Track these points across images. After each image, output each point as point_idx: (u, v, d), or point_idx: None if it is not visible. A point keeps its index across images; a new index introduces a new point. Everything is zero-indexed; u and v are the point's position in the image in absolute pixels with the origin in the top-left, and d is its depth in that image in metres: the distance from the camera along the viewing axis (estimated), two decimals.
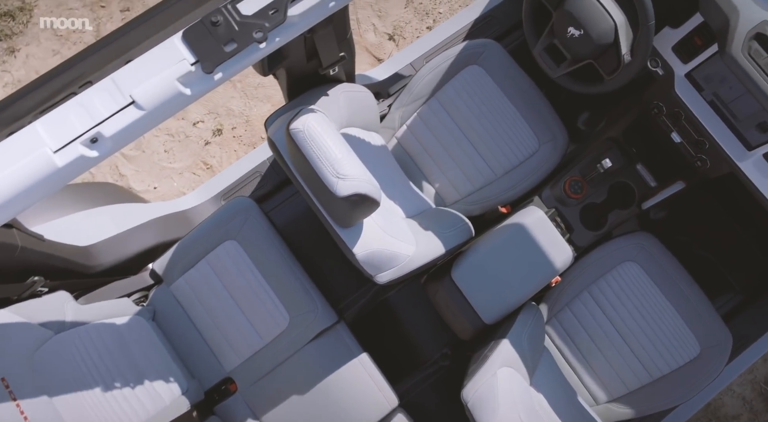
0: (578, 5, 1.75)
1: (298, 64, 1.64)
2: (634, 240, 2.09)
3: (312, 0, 1.15)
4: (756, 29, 1.63)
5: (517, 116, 2.12)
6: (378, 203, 1.39)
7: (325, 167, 1.30)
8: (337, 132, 1.39)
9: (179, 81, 1.08)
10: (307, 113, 1.36)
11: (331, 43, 1.58)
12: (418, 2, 3.05)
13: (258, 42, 1.10)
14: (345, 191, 1.29)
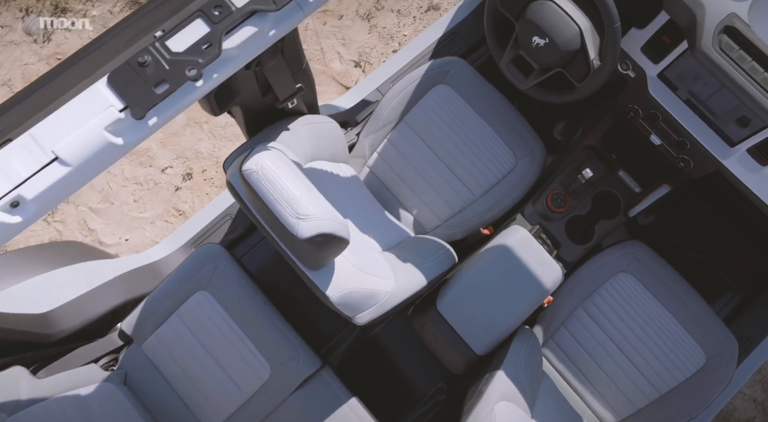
0: (540, 14, 1.67)
1: (252, 99, 1.54)
2: (624, 250, 1.99)
3: (249, 30, 1.04)
4: (724, 23, 1.55)
5: (490, 133, 2.02)
6: (346, 240, 1.28)
7: (284, 208, 1.19)
8: (295, 168, 1.28)
9: (108, 130, 0.96)
10: (260, 151, 1.25)
11: (285, 74, 1.48)
12: (382, 27, 2.98)
13: (193, 80, 0.99)
14: (307, 232, 1.18)
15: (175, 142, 2.67)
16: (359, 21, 2.98)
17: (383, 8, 3.01)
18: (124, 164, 2.61)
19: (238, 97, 1.45)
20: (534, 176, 2.00)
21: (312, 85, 1.72)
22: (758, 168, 1.71)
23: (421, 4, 3.04)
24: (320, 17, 2.95)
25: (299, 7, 1.10)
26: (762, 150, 1.67)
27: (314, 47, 2.92)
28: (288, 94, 1.56)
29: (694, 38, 1.57)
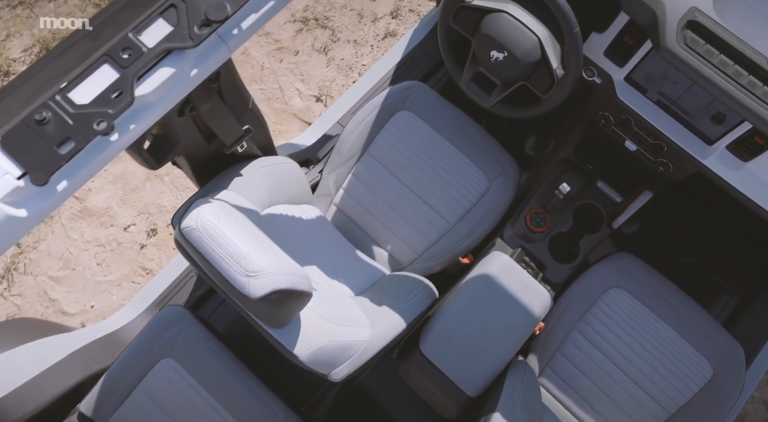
0: (496, 27, 1.56)
1: (196, 147, 1.40)
2: (613, 264, 1.86)
3: (165, 72, 0.91)
4: (686, 18, 1.45)
5: (459, 156, 1.90)
6: (308, 293, 1.13)
7: (231, 266, 1.04)
8: (243, 219, 1.14)
9: (5, 202, 0.82)
10: (200, 205, 1.11)
11: (227, 118, 1.35)
12: (340, 59, 2.88)
13: (104, 134, 0.86)
14: (259, 291, 1.03)
15: (136, 198, 2.52)
16: (316, 55, 2.88)
17: (339, 40, 2.91)
18: (84, 226, 2.46)
19: (179, 147, 1.32)
20: (509, 196, 1.88)
21: (263, 125, 1.59)
22: (740, 165, 1.60)
23: (377, 32, 2.94)
24: (276, 55, 2.85)
25: (222, 41, 0.97)
26: (742, 146, 1.57)
27: (272, 86, 2.80)
28: (235, 139, 1.43)
29: (658, 37, 1.47)
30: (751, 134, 1.52)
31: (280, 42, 2.88)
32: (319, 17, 2.94)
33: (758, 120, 1.42)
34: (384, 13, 2.98)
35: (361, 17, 2.96)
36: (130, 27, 0.88)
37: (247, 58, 2.83)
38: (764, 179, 1.59)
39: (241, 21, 0.97)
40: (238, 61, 2.81)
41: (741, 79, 1.43)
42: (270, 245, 1.12)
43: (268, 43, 2.87)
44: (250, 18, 0.97)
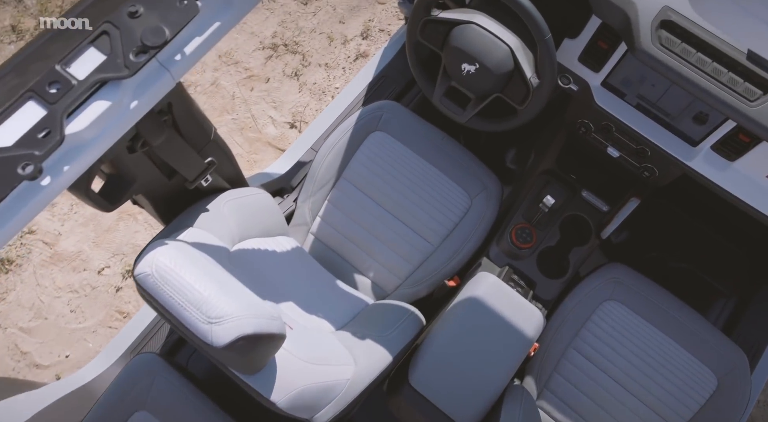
0: (465, 39, 1.49)
1: (156, 184, 1.31)
2: (605, 276, 1.77)
3: (100, 106, 0.82)
4: (659, 17, 1.39)
5: (438, 175, 1.82)
6: (280, 335, 1.03)
7: (191, 313, 0.94)
8: (204, 260, 1.04)
9: None
10: (155, 247, 1.01)
11: (186, 152, 1.25)
12: (312, 83, 2.80)
13: (31, 178, 0.76)
14: (224, 338, 0.93)
15: (109, 239, 2.41)
16: (288, 81, 2.80)
17: (310, 64, 2.84)
18: (55, 272, 2.34)
19: (136, 185, 1.22)
20: (493, 213, 1.79)
21: (229, 156, 1.50)
22: (727, 165, 1.53)
23: (348, 54, 2.88)
24: (246, 84, 2.77)
25: (164, 68, 0.88)
26: (727, 145, 1.50)
27: (245, 115, 2.72)
28: (197, 173, 1.34)
29: (632, 38, 1.41)
30: (735, 133, 1.46)
31: (250, 70, 2.81)
32: (289, 43, 2.88)
33: (741, 117, 1.35)
34: (354, 35, 2.92)
35: (331, 40, 2.90)
36: (57, 59, 0.79)
37: (216, 88, 2.75)
38: (752, 178, 1.52)
39: (184, 46, 0.88)
40: (207, 92, 2.73)
41: (721, 77, 1.36)
42: (235, 286, 1.02)
43: (237, 71, 2.80)
44: (194, 42, 0.88)
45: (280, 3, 2.96)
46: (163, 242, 1.03)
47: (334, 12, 2.97)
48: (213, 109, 2.71)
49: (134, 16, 0.82)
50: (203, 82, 2.75)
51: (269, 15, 2.93)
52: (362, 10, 2.98)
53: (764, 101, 1.34)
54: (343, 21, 2.95)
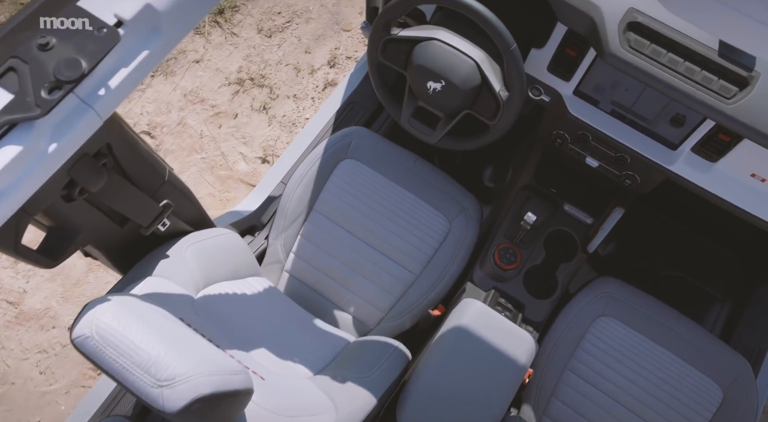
0: (428, 56, 1.42)
1: (107, 233, 1.20)
2: (596, 291, 1.68)
3: (9, 152, 0.72)
4: (626, 20, 1.33)
5: (413, 199, 1.73)
6: (246, 390, 0.92)
7: (139, 377, 0.83)
8: (154, 313, 0.93)
9: None
10: (96, 305, 0.90)
11: (135, 196, 1.15)
12: (281, 116, 2.72)
13: None
14: (177, 402, 0.82)
15: (78, 293, 2.28)
16: (256, 115, 2.72)
17: (278, 97, 2.76)
18: (21, 333, 2.20)
19: (81, 237, 1.11)
20: (474, 235, 1.70)
21: (188, 197, 1.40)
22: (709, 166, 1.46)
23: (316, 84, 2.81)
24: (214, 121, 2.68)
25: (86, 105, 0.78)
26: (707, 146, 1.43)
27: (214, 153, 2.62)
28: (152, 218, 1.24)
29: (600, 43, 1.34)
30: (715, 132, 1.39)
31: (216, 107, 2.72)
32: (255, 76, 2.80)
33: (720, 116, 1.29)
34: (321, 64, 2.85)
35: (298, 71, 2.83)
36: None
37: (183, 127, 2.66)
38: (737, 178, 1.45)
39: (108, 79, 0.78)
40: (174, 132, 2.63)
41: (694, 76, 1.30)
42: (191, 340, 0.92)
43: (204, 109, 2.71)
44: (120, 74, 0.79)
45: (243, 37, 2.89)
46: (106, 298, 0.92)
47: (300, 42, 2.90)
48: (181, 149, 2.62)
49: (45, 49, 0.73)
50: (169, 123, 2.65)
51: (233, 50, 2.85)
52: (327, 39, 2.92)
53: (741, 98, 1.28)
54: (309, 51, 2.88)
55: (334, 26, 2.96)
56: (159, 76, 2.75)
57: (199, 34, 2.87)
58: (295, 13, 2.98)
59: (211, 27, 2.89)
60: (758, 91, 1.27)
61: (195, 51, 2.83)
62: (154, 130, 2.64)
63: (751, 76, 1.28)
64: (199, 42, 2.85)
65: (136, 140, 1.12)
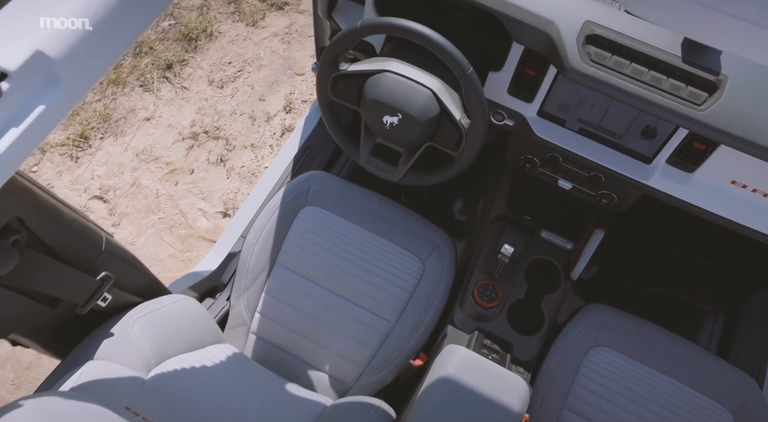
0: (381, 89, 1.32)
1: (36, 317, 1.05)
2: (585, 320, 1.56)
3: None
4: (583, 33, 1.25)
5: (381, 242, 1.60)
6: None
7: None
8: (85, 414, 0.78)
9: None
10: (5, 413, 0.74)
11: (62, 273, 1.01)
12: (240, 167, 2.59)
13: None
14: None
15: (31, 377, 2.08)
16: (214, 169, 2.59)
17: (235, 148, 2.64)
18: None
19: (4, 326, 0.96)
20: (450, 274, 1.57)
21: (133, 264, 1.25)
22: (687, 177, 1.37)
23: (273, 131, 2.70)
24: (169, 178, 2.54)
25: None
26: (683, 156, 1.35)
27: (172, 212, 2.48)
28: (88, 295, 1.09)
29: (560, 59, 1.25)
30: (689, 141, 1.31)
31: (171, 164, 2.59)
32: (209, 129, 2.68)
33: (692, 123, 1.21)
34: (277, 110, 2.75)
35: (254, 119, 2.72)
36: None
37: (138, 188, 2.51)
38: (717, 186, 1.37)
39: None
40: (128, 194, 2.48)
41: (662, 85, 1.22)
42: None
43: (158, 167, 2.57)
44: (9, 135, 0.65)
45: (194, 91, 2.78)
46: (17, 404, 0.76)
47: (253, 91, 2.80)
48: (137, 211, 2.46)
49: None
50: (122, 185, 2.51)
51: (185, 104, 2.74)
52: (281, 84, 2.83)
53: (712, 103, 1.20)
54: (263, 98, 2.79)
55: (286, 71, 2.87)
56: (108, 138, 2.61)
57: (148, 91, 2.75)
58: (245, 61, 2.89)
59: (160, 83, 2.78)
60: (728, 94, 1.20)
61: (145, 108, 2.71)
62: (107, 194, 2.48)
63: (720, 80, 1.21)
64: (149, 99, 2.73)
65: (58, 208, 0.98)
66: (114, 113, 2.67)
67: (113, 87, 2.74)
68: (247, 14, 3.02)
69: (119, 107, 2.70)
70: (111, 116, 2.67)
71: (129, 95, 2.73)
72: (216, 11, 3.02)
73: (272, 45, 2.95)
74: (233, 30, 2.98)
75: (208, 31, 2.95)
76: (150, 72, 2.80)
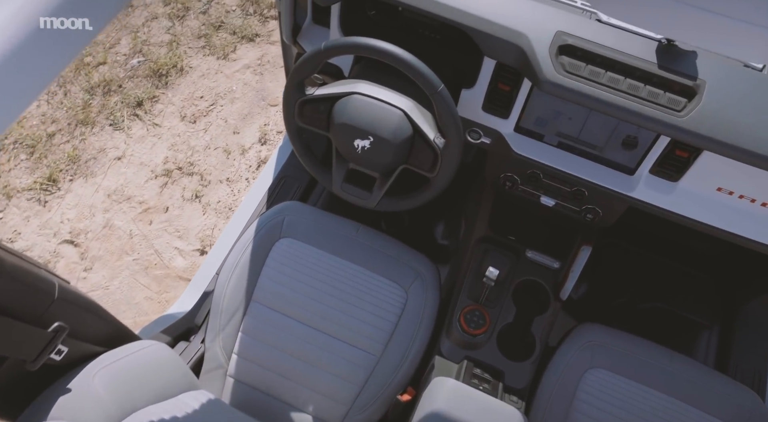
0: (350, 113, 1.26)
1: None
2: (578, 342, 1.48)
3: None
4: (555, 44, 1.21)
5: (362, 272, 1.52)
6: None
7: None
8: None
9: None
10: None
11: (5, 327, 0.91)
12: (216, 202, 2.51)
13: None
14: None
15: None
16: (189, 205, 2.51)
17: (210, 183, 2.56)
18: None
19: None
20: (434, 301, 1.49)
21: (93, 311, 1.16)
22: (672, 187, 1.32)
23: (249, 163, 2.63)
24: (143, 218, 2.45)
25: None
26: (666, 165, 1.30)
27: (147, 252, 2.38)
28: (39, 349, 0.99)
29: (533, 72, 1.20)
30: (671, 150, 1.26)
31: (144, 203, 2.50)
32: (183, 165, 2.60)
33: (674, 130, 1.16)
34: (251, 143, 2.69)
35: (229, 153, 2.65)
36: None
37: (111, 230, 2.41)
38: (703, 194, 1.31)
39: None
40: (100, 237, 2.39)
41: (639, 92, 1.17)
42: None
43: (131, 207, 2.48)
44: None
45: (166, 127, 2.71)
46: None
47: (226, 124, 2.74)
48: (110, 254, 2.36)
49: None
50: (94, 228, 2.41)
51: (156, 142, 2.66)
52: (255, 116, 2.76)
53: (692, 109, 1.15)
54: (237, 131, 2.72)
55: (260, 103, 2.81)
56: (78, 180, 2.52)
57: (118, 130, 2.67)
58: (218, 95, 2.83)
59: (130, 121, 2.71)
60: (708, 99, 1.15)
61: (116, 147, 2.63)
62: (78, 237, 2.38)
63: (698, 85, 1.16)
64: (120, 138, 2.65)
65: None
66: (83, 153, 2.59)
67: (82, 127, 2.66)
68: (218, 47, 2.97)
69: (89, 147, 2.61)
70: (80, 157, 2.58)
71: (99, 135, 2.66)
72: (186, 46, 2.97)
73: (244, 77, 2.89)
74: (204, 64, 2.93)
75: (179, 66, 2.89)
76: (120, 110, 2.73)
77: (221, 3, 3.13)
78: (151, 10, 3.08)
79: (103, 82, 2.80)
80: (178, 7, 3.08)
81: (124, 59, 2.90)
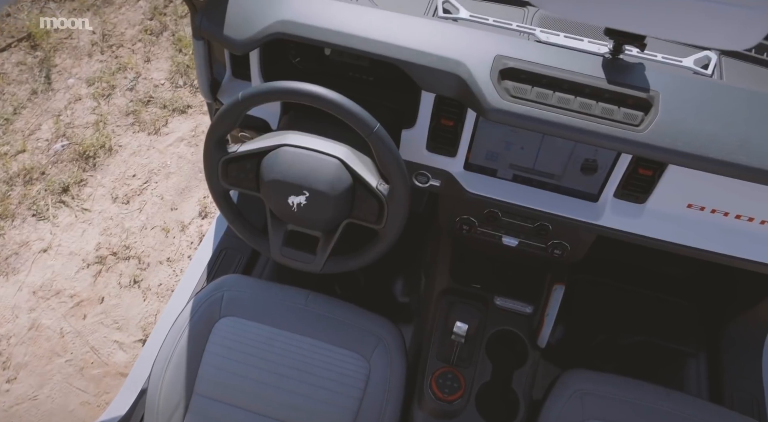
0: (280, 167, 1.11)
1: None
2: (564, 392, 1.32)
3: None
4: (496, 68, 1.11)
5: (316, 345, 1.33)
6: None
7: None
8: None
9: None
10: None
11: None
12: (156, 285, 2.29)
13: None
14: None
15: None
16: (127, 292, 2.27)
17: (149, 265, 2.35)
18: None
19: None
20: (401, 368, 1.31)
21: None
22: (640, 209, 1.21)
23: (190, 239, 2.43)
24: (75, 313, 2.20)
25: None
26: (630, 187, 1.19)
27: (82, 351, 2.12)
28: None
29: (477, 101, 1.09)
30: (634, 169, 1.16)
31: (76, 296, 2.25)
32: (118, 250, 2.38)
33: (635, 146, 1.07)
34: (191, 217, 2.50)
35: (167, 231, 2.45)
36: None
37: (38, 331, 2.15)
38: (673, 213, 1.21)
39: None
40: (26, 341, 2.12)
41: (592, 110, 1.07)
42: None
43: (61, 302, 2.23)
44: None
45: (97, 211, 2.50)
46: None
47: (162, 201, 2.55)
48: (38, 358, 2.09)
49: None
50: (17, 331, 2.14)
51: (87, 228, 2.44)
52: (193, 190, 2.59)
53: (651, 122, 1.06)
54: (175, 207, 2.53)
55: (197, 175, 2.64)
56: None
57: (42, 220, 2.45)
58: (151, 171, 2.65)
59: (56, 209, 2.49)
60: (664, 109, 1.07)
61: (40, 239, 2.39)
62: None
63: (651, 96, 1.07)
64: (44, 228, 2.42)
65: None
66: (3, 250, 2.34)
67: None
68: (148, 123, 2.81)
69: (8, 242, 2.37)
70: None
71: (20, 228, 2.42)
72: (114, 125, 2.80)
73: (179, 151, 2.73)
74: (135, 141, 2.75)
75: (107, 146, 2.71)
76: (43, 198, 2.51)
77: (148, 78, 2.99)
78: (74, 92, 2.91)
79: (23, 171, 2.59)
80: (103, 86, 2.93)
81: (46, 145, 2.71)
